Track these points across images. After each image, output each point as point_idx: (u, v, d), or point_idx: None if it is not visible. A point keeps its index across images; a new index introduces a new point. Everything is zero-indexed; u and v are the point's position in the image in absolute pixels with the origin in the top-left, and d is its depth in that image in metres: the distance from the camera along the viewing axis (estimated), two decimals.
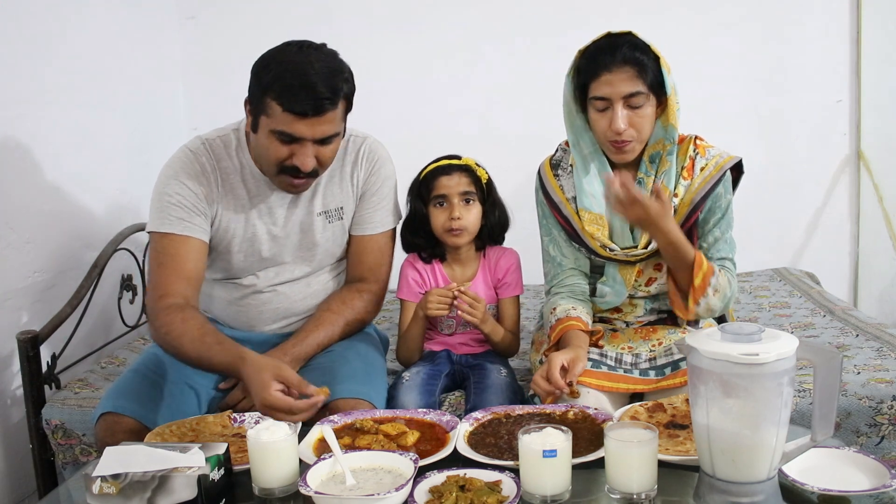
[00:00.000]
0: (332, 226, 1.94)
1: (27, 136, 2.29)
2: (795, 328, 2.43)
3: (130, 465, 1.27)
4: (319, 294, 1.99)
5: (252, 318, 1.97)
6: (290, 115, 1.67)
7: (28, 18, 2.31)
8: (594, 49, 1.78)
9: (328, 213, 1.93)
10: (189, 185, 1.82)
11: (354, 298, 1.96)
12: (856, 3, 3.21)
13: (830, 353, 1.25)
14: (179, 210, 1.80)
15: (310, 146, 1.72)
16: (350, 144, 1.94)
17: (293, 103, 1.66)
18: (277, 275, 1.94)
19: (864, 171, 3.28)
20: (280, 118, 1.68)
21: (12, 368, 2.19)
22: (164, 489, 1.25)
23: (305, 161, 1.72)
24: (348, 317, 1.94)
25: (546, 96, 3.17)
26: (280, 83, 1.66)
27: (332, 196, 1.93)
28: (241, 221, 1.88)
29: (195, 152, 1.85)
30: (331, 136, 1.73)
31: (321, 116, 1.68)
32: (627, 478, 1.28)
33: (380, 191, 1.96)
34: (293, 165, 1.74)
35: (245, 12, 3.26)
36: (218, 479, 1.30)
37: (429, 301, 1.96)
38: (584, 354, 1.77)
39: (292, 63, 1.68)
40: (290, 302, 1.96)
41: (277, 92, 1.66)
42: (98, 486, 1.25)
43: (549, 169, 1.96)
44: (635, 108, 1.75)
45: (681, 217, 1.84)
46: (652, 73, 1.75)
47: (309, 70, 1.66)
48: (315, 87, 1.65)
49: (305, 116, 1.67)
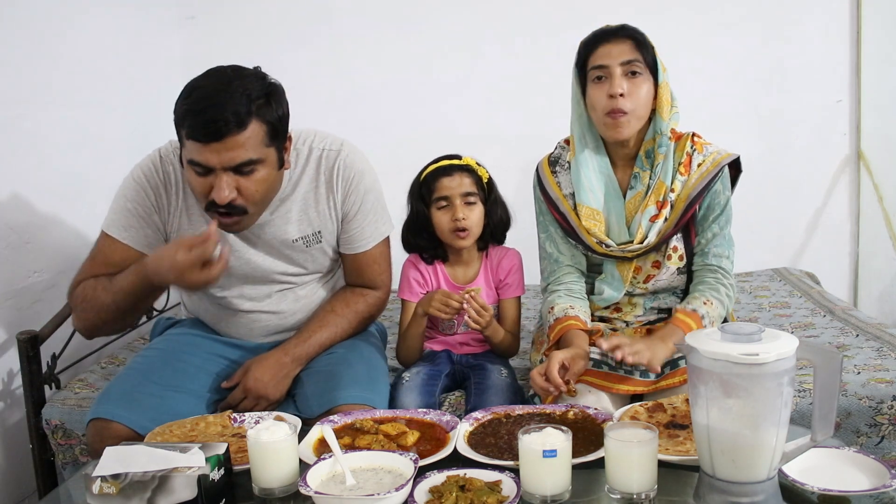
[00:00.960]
0: (312, 249, 1.87)
1: (27, 136, 2.29)
2: (795, 328, 2.43)
3: (130, 465, 1.27)
4: (310, 306, 1.95)
5: (243, 334, 1.95)
6: (194, 142, 1.57)
7: (28, 18, 2.32)
8: (592, 35, 1.84)
9: (305, 238, 1.85)
10: (148, 197, 1.77)
11: (359, 301, 1.95)
12: (856, 3, 3.21)
13: (830, 353, 1.25)
14: (130, 217, 1.77)
15: (223, 176, 1.58)
16: (323, 162, 1.83)
17: (193, 129, 1.56)
18: (262, 291, 1.89)
19: (864, 171, 3.28)
20: (189, 147, 1.59)
21: (12, 368, 2.19)
22: (164, 489, 1.25)
23: (220, 193, 1.58)
24: (351, 319, 1.93)
25: (546, 96, 3.19)
26: (184, 110, 1.58)
27: (307, 222, 1.84)
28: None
29: (164, 159, 1.79)
30: (245, 164, 1.59)
31: (223, 141, 1.55)
32: (627, 478, 1.28)
33: (362, 208, 1.86)
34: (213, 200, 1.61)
35: (245, 12, 3.26)
36: (218, 480, 1.30)
37: (433, 300, 1.95)
38: (585, 354, 1.77)
39: (198, 88, 1.59)
40: (280, 318, 1.93)
41: (181, 119, 1.59)
42: (98, 486, 1.25)
43: (548, 166, 1.97)
44: (633, 75, 1.77)
45: (677, 213, 1.85)
46: (650, 53, 1.79)
47: (211, 94, 1.56)
48: (214, 109, 1.54)
49: (207, 142, 1.55)
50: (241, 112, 1.55)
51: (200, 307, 1.98)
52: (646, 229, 1.84)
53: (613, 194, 1.89)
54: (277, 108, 1.63)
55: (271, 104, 1.62)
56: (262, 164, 1.62)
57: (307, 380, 1.85)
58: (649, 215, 1.84)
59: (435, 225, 2.02)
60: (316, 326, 1.89)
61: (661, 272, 1.90)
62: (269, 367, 1.80)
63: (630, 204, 1.88)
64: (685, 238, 1.89)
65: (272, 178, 1.67)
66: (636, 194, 1.87)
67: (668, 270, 1.90)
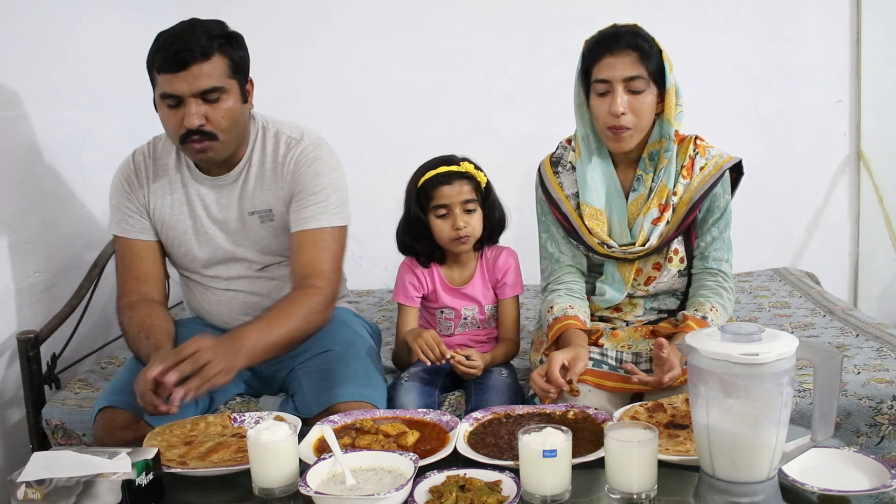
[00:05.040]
0: (265, 226, 1.92)
1: (27, 136, 2.29)
2: (795, 328, 2.43)
3: (56, 471, 1.28)
4: (284, 287, 1.91)
5: (224, 313, 1.98)
6: (165, 74, 1.74)
7: (28, 18, 2.31)
8: (599, 37, 1.81)
9: (260, 214, 1.91)
10: (123, 186, 1.94)
11: (300, 297, 1.81)
12: (856, 3, 3.20)
13: (830, 353, 1.25)
14: (119, 213, 1.94)
15: (192, 104, 1.75)
16: (282, 147, 1.91)
17: (164, 61, 1.74)
18: (235, 268, 1.96)
19: (864, 171, 3.27)
20: (160, 82, 1.76)
21: (12, 368, 2.19)
22: (89, 494, 1.26)
23: (190, 119, 1.75)
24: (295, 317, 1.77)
25: (546, 96, 3.19)
26: (155, 49, 1.77)
27: (260, 197, 1.91)
28: (178, 216, 1.93)
29: (136, 152, 1.97)
30: (211, 91, 1.75)
31: (189, 69, 1.73)
32: (627, 478, 1.28)
33: (313, 189, 1.86)
34: (185, 128, 1.76)
35: (245, 12, 3.25)
36: (146, 485, 1.30)
37: (420, 339, 1.91)
38: (585, 353, 1.77)
39: (165, 32, 1.79)
40: (257, 297, 1.96)
41: (152, 59, 1.77)
42: (23, 492, 1.26)
43: (549, 166, 1.97)
44: (636, 92, 1.76)
45: (679, 216, 1.85)
46: (654, 62, 1.77)
47: (178, 32, 1.77)
48: (180, 42, 1.73)
49: (175, 71, 1.73)
50: (205, 44, 1.74)
51: (190, 288, 2.04)
52: (648, 232, 1.84)
53: (616, 195, 1.89)
54: (238, 49, 1.82)
55: (232, 44, 1.81)
56: (226, 93, 1.78)
57: (304, 379, 1.86)
58: (651, 218, 1.84)
59: (434, 232, 2.01)
60: (264, 325, 1.73)
61: (661, 274, 1.90)
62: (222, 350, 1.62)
63: (632, 206, 1.88)
64: (686, 241, 1.89)
65: (237, 109, 1.82)
66: (638, 196, 1.87)
67: (668, 273, 1.90)
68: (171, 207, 1.92)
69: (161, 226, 1.94)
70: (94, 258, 2.43)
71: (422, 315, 2.10)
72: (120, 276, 1.93)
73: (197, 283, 2.00)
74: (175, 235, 1.94)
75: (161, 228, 1.94)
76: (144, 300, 1.87)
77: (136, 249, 1.92)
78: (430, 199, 1.99)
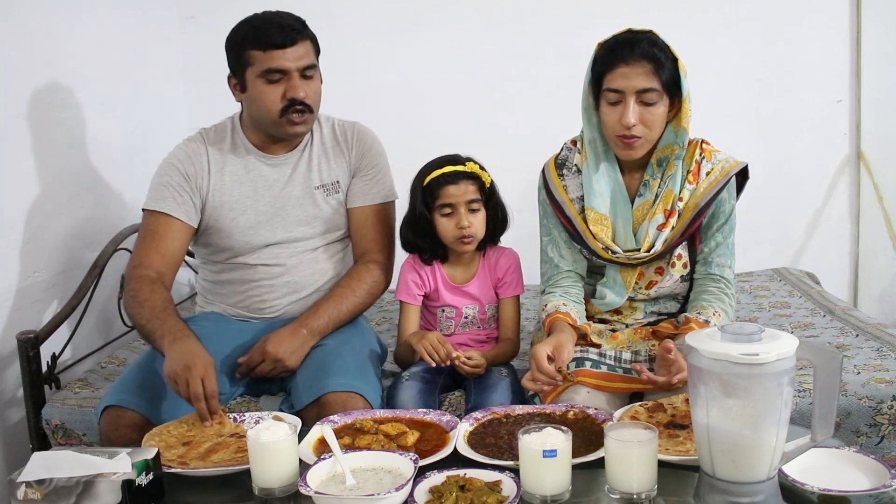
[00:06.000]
0: (331, 199, 2.04)
1: (27, 136, 2.29)
2: (795, 328, 2.43)
3: (56, 471, 1.28)
4: (328, 271, 2.05)
5: (263, 296, 2.02)
6: (270, 50, 1.86)
7: (28, 18, 2.31)
8: (613, 42, 1.78)
9: (325, 187, 2.03)
10: (179, 167, 1.97)
11: (363, 272, 2.02)
12: (856, 3, 3.20)
13: (830, 353, 1.25)
14: (166, 190, 1.96)
15: (297, 78, 1.89)
16: (338, 127, 2.08)
17: (270, 38, 1.86)
18: (283, 249, 2.01)
19: (864, 171, 3.27)
20: (263, 59, 1.87)
21: (12, 368, 2.19)
22: (89, 494, 1.26)
23: (298, 90, 1.88)
24: (359, 291, 2.00)
25: (547, 97, 3.21)
26: (252, 30, 1.89)
27: (327, 170, 2.04)
28: (238, 196, 1.98)
29: (190, 139, 2.03)
30: (310, 67, 1.91)
31: (295, 46, 1.88)
32: (627, 478, 1.28)
33: (376, 166, 2.06)
34: (290, 99, 1.88)
35: (245, 12, 3.24)
36: (146, 485, 1.31)
37: (425, 340, 1.92)
38: (568, 340, 1.76)
39: (256, 17, 1.93)
40: (300, 276, 2.02)
41: (253, 38, 1.88)
42: (23, 492, 1.27)
43: (554, 168, 1.95)
44: (648, 104, 1.74)
45: (685, 221, 1.84)
46: (668, 72, 1.74)
47: (272, 14, 1.92)
48: (282, 21, 1.89)
49: (283, 47, 1.86)
50: (304, 25, 1.93)
51: (221, 281, 2.06)
52: (653, 238, 1.83)
53: (621, 200, 1.87)
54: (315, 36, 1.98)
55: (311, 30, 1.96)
56: (316, 70, 1.97)
57: (298, 372, 1.89)
58: (657, 224, 1.83)
59: (439, 230, 2.01)
60: (327, 301, 1.98)
61: (664, 279, 1.89)
62: (286, 336, 1.89)
63: (638, 211, 1.87)
64: (690, 246, 1.88)
65: (320, 88, 1.99)
66: (644, 202, 1.86)
67: (671, 278, 1.89)
68: (230, 188, 1.99)
69: (219, 209, 1.98)
70: (94, 258, 2.43)
71: (422, 315, 2.10)
72: (142, 248, 1.94)
73: (239, 268, 2.02)
74: (234, 216, 1.98)
75: (215, 213, 1.98)
76: (160, 281, 1.89)
77: (174, 229, 1.94)
78: (436, 198, 1.99)
